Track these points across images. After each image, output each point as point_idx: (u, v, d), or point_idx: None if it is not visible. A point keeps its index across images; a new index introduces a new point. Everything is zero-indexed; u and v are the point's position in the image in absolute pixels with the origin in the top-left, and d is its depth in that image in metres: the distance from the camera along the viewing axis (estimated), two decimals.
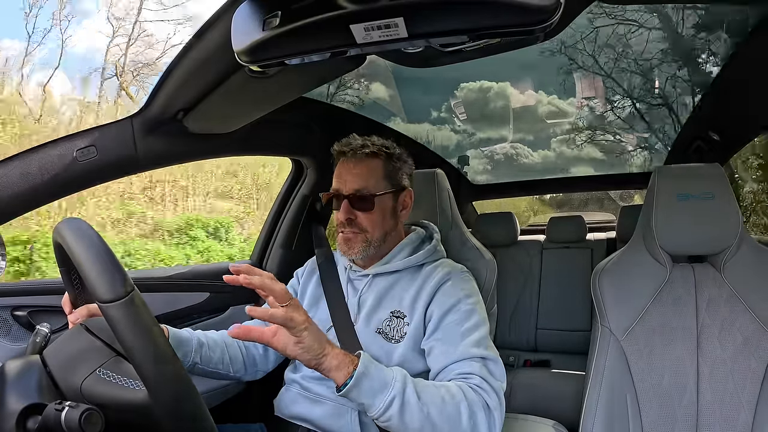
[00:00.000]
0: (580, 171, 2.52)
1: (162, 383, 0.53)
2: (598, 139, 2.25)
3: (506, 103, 1.99)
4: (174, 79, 0.80)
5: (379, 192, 0.92)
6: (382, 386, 0.70)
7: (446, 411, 0.72)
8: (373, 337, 0.90)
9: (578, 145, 2.30)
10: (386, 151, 0.95)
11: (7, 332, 0.92)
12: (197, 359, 0.89)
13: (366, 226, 0.92)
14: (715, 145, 1.64)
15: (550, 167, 2.50)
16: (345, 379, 0.68)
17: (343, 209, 0.92)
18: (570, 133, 2.22)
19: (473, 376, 0.78)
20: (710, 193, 0.98)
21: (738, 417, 0.92)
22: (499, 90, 1.95)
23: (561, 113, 2.04)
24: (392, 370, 0.73)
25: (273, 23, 0.56)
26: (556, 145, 2.37)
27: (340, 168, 0.95)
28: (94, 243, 0.56)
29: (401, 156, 0.98)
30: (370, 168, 0.93)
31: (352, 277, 0.99)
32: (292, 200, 1.46)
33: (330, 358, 0.68)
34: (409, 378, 0.73)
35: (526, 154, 2.46)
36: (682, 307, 0.99)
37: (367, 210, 0.92)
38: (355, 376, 0.68)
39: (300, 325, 0.66)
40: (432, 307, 0.88)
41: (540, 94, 1.93)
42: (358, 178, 0.92)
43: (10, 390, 0.57)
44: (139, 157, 0.93)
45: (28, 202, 0.85)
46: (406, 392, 0.70)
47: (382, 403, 0.69)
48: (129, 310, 0.52)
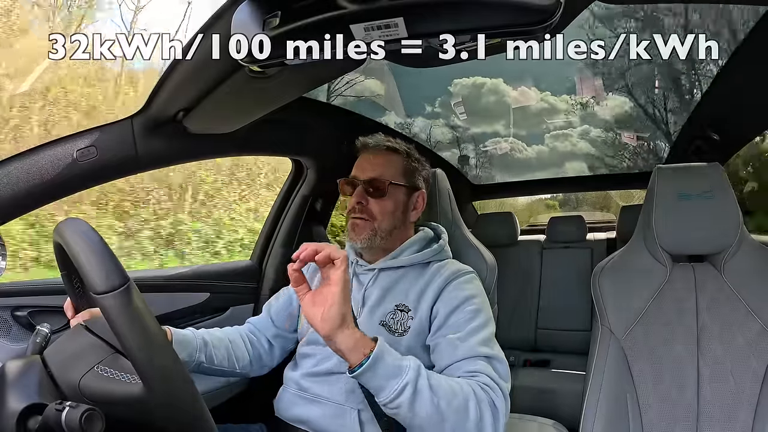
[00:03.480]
0: (574, 167, 2.53)
1: (158, 375, 0.53)
2: (592, 136, 2.26)
3: (500, 98, 2.00)
4: (174, 79, 0.80)
5: (394, 182, 0.95)
6: (397, 372, 0.69)
7: (455, 405, 0.71)
8: (377, 329, 0.90)
9: (572, 141, 2.31)
10: (407, 149, 1.00)
11: (7, 332, 0.92)
12: (202, 358, 0.90)
13: (376, 213, 0.94)
14: (715, 145, 1.64)
15: (545, 162, 2.51)
16: (360, 361, 0.67)
17: (357, 193, 0.95)
18: (563, 128, 2.23)
19: (481, 375, 0.78)
20: (710, 192, 0.98)
21: (738, 417, 0.92)
22: (492, 86, 1.96)
23: (554, 109, 2.06)
24: (407, 359, 0.72)
25: (273, 23, 0.57)
26: (550, 140, 2.38)
27: (361, 158, 0.99)
28: (90, 237, 0.56)
29: (420, 159, 1.02)
30: (389, 160, 0.97)
31: (358, 271, 0.99)
32: (292, 200, 1.46)
33: (347, 335, 0.66)
34: (423, 368, 0.73)
35: (520, 149, 2.47)
36: (683, 306, 0.99)
37: (380, 197, 0.94)
38: (372, 358, 0.66)
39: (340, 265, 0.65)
40: (438, 305, 0.88)
41: (533, 90, 1.94)
42: (377, 168, 0.96)
43: (11, 390, 0.57)
44: (139, 157, 0.94)
45: (29, 203, 0.85)
46: (419, 381, 0.70)
47: (394, 388, 0.68)
48: (124, 300, 0.52)
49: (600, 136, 2.24)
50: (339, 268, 0.65)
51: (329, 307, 0.65)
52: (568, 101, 1.98)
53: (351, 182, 0.97)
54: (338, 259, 0.65)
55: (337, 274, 0.65)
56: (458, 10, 0.52)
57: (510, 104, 2.01)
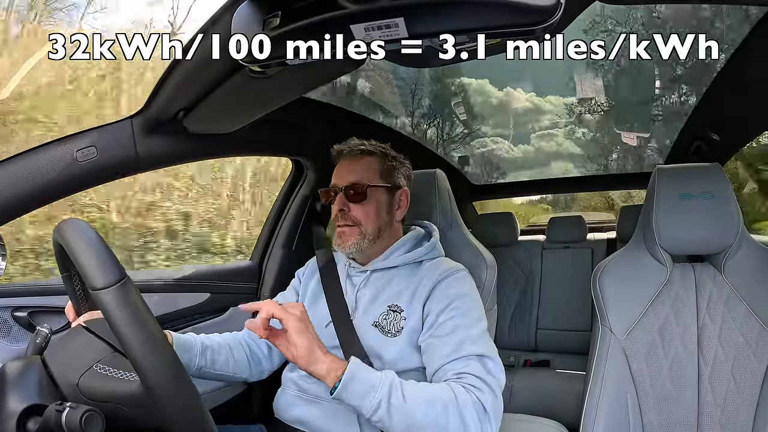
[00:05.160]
0: (560, 166, 2.56)
1: (155, 371, 0.52)
2: (577, 135, 2.28)
3: (485, 99, 2.01)
4: (174, 79, 0.80)
5: (372, 184, 0.95)
6: (369, 390, 0.74)
7: (433, 414, 0.73)
8: (370, 330, 0.90)
9: (556, 141, 2.33)
10: (382, 150, 1.00)
11: (7, 333, 0.92)
12: (203, 363, 0.90)
13: (359, 218, 0.94)
14: (715, 145, 1.64)
15: (531, 162, 2.53)
16: (335, 383, 0.73)
17: (338, 201, 0.95)
18: (548, 128, 2.25)
19: (468, 375, 0.78)
20: (710, 192, 0.98)
21: (738, 417, 0.92)
22: (478, 87, 1.98)
23: (539, 110, 2.07)
24: (382, 374, 0.76)
25: (273, 23, 0.56)
26: (536, 140, 2.40)
27: (338, 166, 1.00)
28: (88, 235, 0.57)
29: (397, 157, 1.02)
30: (365, 164, 0.97)
31: (351, 273, 1.00)
32: (292, 200, 1.46)
33: (318, 366, 0.74)
34: (396, 381, 0.76)
35: (507, 149, 2.49)
36: (683, 307, 0.99)
37: (360, 201, 0.94)
38: (342, 381, 0.73)
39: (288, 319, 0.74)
40: (429, 304, 0.88)
41: (518, 91, 1.95)
42: (354, 173, 0.96)
43: (11, 391, 0.57)
44: (139, 157, 0.93)
45: (29, 203, 0.84)
46: (393, 396, 0.74)
47: (369, 405, 0.73)
48: (121, 295, 0.52)
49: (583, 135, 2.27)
50: (287, 319, 0.74)
51: (294, 349, 0.74)
52: (552, 102, 2.00)
53: (331, 190, 0.97)
54: (283, 318, 0.74)
55: (287, 323, 0.74)
56: (458, 10, 0.52)
57: (495, 104, 2.03)
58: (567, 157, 2.49)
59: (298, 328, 0.73)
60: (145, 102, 0.89)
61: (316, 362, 0.74)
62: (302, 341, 0.73)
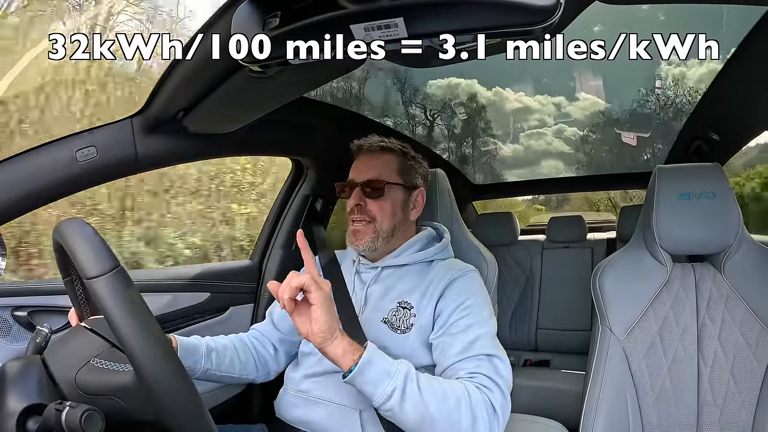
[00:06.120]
0: (550, 165, 2.57)
1: (148, 357, 0.52)
2: (566, 134, 2.29)
3: (474, 98, 2.02)
4: (174, 79, 0.80)
5: (390, 181, 0.95)
6: (385, 376, 0.72)
7: (446, 408, 0.72)
8: (379, 326, 0.90)
9: (545, 140, 2.35)
10: (401, 148, 1.00)
11: (7, 332, 0.92)
12: (209, 365, 0.90)
13: (375, 214, 0.94)
14: (715, 145, 1.64)
15: (521, 161, 2.55)
16: (350, 366, 0.71)
17: (354, 195, 0.95)
18: (537, 128, 2.27)
19: (479, 375, 0.78)
20: (711, 192, 0.98)
21: (738, 417, 0.92)
22: (467, 86, 1.98)
23: (527, 109, 2.08)
24: (398, 363, 0.74)
25: (273, 23, 0.57)
26: (525, 139, 2.42)
27: (357, 161, 1.00)
28: (83, 228, 0.58)
29: (416, 156, 1.02)
30: (384, 161, 0.97)
31: (360, 269, 1.00)
32: (292, 200, 1.46)
33: (336, 345, 0.72)
34: (413, 372, 0.74)
35: (498, 148, 2.51)
36: (683, 306, 0.99)
37: (377, 197, 0.94)
38: (360, 364, 0.71)
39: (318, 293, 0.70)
40: (441, 304, 0.88)
41: (507, 91, 1.96)
42: (373, 169, 0.96)
43: (11, 390, 0.57)
44: (138, 157, 0.93)
45: (29, 203, 0.84)
46: (408, 385, 0.72)
47: (383, 392, 0.71)
48: (114, 283, 0.53)
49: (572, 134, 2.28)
50: (317, 291, 0.70)
51: (315, 324, 0.70)
52: (540, 101, 2.01)
53: (348, 185, 0.97)
54: (313, 292, 0.70)
55: (316, 296, 0.70)
56: (458, 10, 0.52)
57: (484, 104, 2.04)
58: (556, 156, 2.53)
59: (325, 303, 0.71)
60: (145, 102, 0.89)
61: (333, 341, 0.71)
62: (326, 317, 0.70)
